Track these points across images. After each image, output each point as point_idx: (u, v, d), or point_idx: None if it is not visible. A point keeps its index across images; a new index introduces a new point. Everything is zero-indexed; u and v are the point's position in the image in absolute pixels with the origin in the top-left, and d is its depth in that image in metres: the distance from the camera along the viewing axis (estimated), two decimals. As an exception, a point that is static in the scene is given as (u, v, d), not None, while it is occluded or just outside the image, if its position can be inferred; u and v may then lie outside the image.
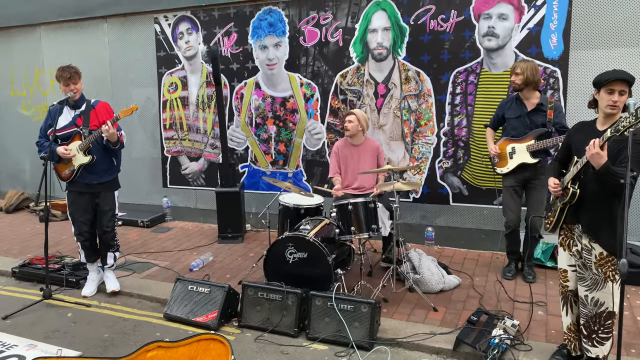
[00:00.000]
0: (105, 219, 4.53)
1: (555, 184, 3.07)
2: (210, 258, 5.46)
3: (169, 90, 7.03)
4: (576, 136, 3.07)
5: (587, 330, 3.05)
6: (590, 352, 3.06)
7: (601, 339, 3.01)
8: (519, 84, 4.38)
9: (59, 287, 4.76)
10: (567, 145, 3.17)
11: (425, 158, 5.76)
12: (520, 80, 4.37)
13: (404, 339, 3.64)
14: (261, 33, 6.36)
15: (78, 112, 4.43)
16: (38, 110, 8.05)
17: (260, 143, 6.60)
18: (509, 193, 4.62)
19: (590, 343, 3.04)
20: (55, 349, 3.61)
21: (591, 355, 3.07)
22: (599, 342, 3.02)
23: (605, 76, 2.83)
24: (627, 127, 2.53)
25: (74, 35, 7.52)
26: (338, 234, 4.26)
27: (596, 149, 2.70)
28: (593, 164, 2.76)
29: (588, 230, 2.96)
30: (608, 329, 3.00)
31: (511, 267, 4.80)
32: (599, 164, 2.72)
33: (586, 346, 3.07)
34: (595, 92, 2.94)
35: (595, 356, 3.05)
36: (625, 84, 2.79)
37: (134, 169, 7.33)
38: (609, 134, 2.64)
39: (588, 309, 3.02)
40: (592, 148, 2.71)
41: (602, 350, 3.02)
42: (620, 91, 2.79)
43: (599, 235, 2.91)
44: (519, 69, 4.37)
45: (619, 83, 2.78)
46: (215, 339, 3.09)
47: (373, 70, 5.87)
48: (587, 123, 3.08)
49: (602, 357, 3.05)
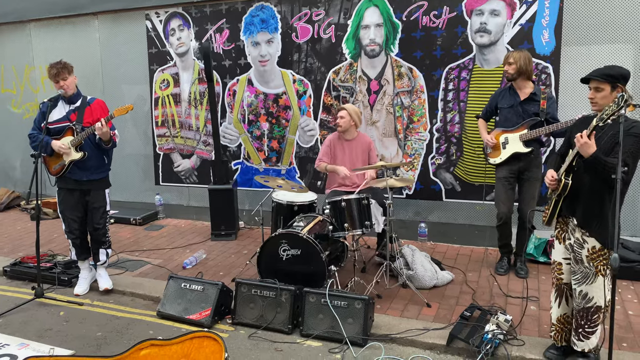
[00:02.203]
0: (97, 216, 4.50)
1: (553, 177, 3.09)
2: (203, 256, 5.44)
3: (160, 87, 6.99)
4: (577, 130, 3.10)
5: (575, 323, 3.11)
6: (576, 345, 3.11)
7: (587, 333, 3.06)
8: (512, 73, 4.40)
9: (51, 286, 4.73)
10: (568, 139, 3.21)
11: (418, 154, 5.77)
12: (514, 69, 4.38)
13: (397, 334, 3.65)
14: (253, 29, 6.33)
15: (73, 107, 4.39)
16: (28, 108, 7.98)
17: (253, 140, 6.59)
18: (501, 185, 4.63)
19: (577, 337, 3.10)
20: (47, 347, 3.59)
21: (577, 349, 3.11)
22: (584, 337, 3.08)
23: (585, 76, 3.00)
24: (609, 114, 2.69)
25: (64, 32, 7.46)
26: (331, 230, 4.26)
27: (584, 139, 2.80)
28: (582, 153, 2.86)
29: (582, 222, 3.00)
30: (594, 323, 3.04)
31: (504, 262, 4.82)
32: (587, 154, 2.82)
33: (573, 339, 3.13)
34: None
35: (580, 350, 3.09)
36: (598, 82, 2.92)
37: (126, 166, 7.30)
38: (594, 123, 2.77)
39: (576, 302, 3.07)
40: (581, 138, 2.81)
41: (588, 344, 3.07)
42: (595, 87, 2.94)
43: (592, 228, 2.95)
44: (512, 58, 4.38)
45: (593, 81, 2.94)
46: (208, 336, 3.07)
47: (366, 66, 5.86)
48: (589, 117, 3.14)
49: (587, 351, 3.09)
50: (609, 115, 2.70)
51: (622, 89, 2.87)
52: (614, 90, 2.89)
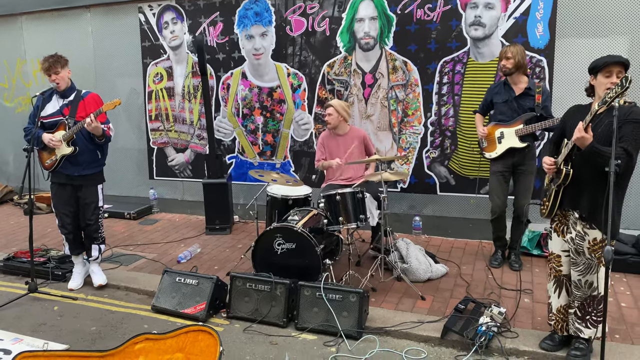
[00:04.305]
0: (88, 211, 4.46)
1: (551, 162, 3.08)
2: (198, 250, 5.43)
3: (154, 81, 6.95)
4: (570, 119, 3.10)
5: (582, 311, 3.13)
6: (583, 332, 3.14)
7: (594, 321, 3.10)
8: (510, 67, 4.38)
9: (45, 281, 4.71)
10: (562, 128, 3.20)
11: (413, 148, 5.77)
12: (512, 64, 4.37)
13: (392, 327, 3.66)
14: (247, 22, 6.30)
15: (66, 101, 4.35)
16: (21, 102, 7.91)
17: (247, 134, 6.57)
18: (496, 178, 4.64)
19: (585, 324, 3.13)
20: (41, 342, 3.57)
21: (584, 336, 3.14)
22: (592, 324, 3.11)
23: (602, 61, 2.91)
24: (613, 97, 2.62)
25: (56, 25, 7.38)
26: (326, 224, 4.26)
27: (581, 133, 2.79)
28: (579, 145, 2.85)
29: (588, 215, 2.97)
30: (601, 312, 3.05)
31: (498, 255, 4.84)
32: (584, 145, 2.81)
33: (579, 327, 3.15)
34: (591, 78, 3.01)
35: (587, 337, 3.13)
36: (621, 66, 2.87)
37: (119, 160, 7.26)
38: (597, 107, 2.73)
39: (582, 291, 3.10)
40: (577, 132, 2.80)
41: (595, 333, 3.10)
42: (618, 72, 2.87)
43: (598, 219, 2.90)
44: (510, 53, 4.36)
45: (616, 65, 2.87)
46: (203, 330, 3.07)
47: (360, 60, 5.85)
48: (582, 106, 3.11)
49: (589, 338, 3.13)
50: (613, 97, 2.62)
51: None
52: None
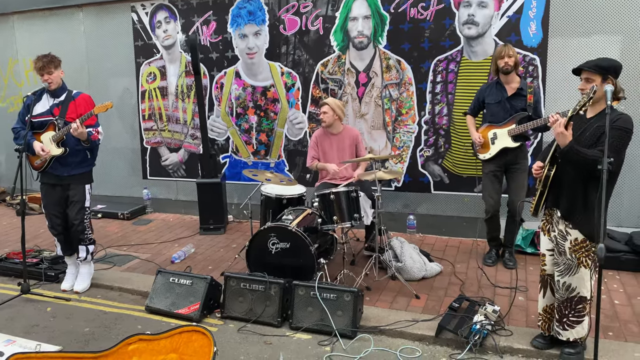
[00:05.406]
0: (73, 211, 4.39)
1: (539, 167, 3.12)
2: (192, 250, 5.41)
3: (147, 80, 6.92)
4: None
5: (559, 314, 3.15)
6: (560, 335, 3.14)
7: (571, 322, 3.10)
8: (512, 65, 4.42)
9: (37, 282, 4.68)
10: None
11: (407, 147, 5.77)
12: (513, 62, 4.41)
13: (386, 326, 3.67)
14: (240, 21, 6.28)
15: (57, 101, 4.31)
16: (12, 102, 7.85)
17: (241, 133, 6.55)
18: (489, 178, 4.65)
19: (561, 327, 3.14)
20: (34, 344, 3.54)
21: (562, 339, 3.14)
22: (569, 326, 3.11)
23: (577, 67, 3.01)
24: (581, 105, 2.80)
25: (48, 25, 7.33)
26: (320, 223, 4.26)
27: (561, 128, 2.85)
28: (559, 142, 2.90)
29: (566, 214, 3.03)
30: (579, 312, 3.07)
31: (492, 253, 4.85)
32: (563, 143, 2.86)
33: (557, 329, 3.16)
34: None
35: (565, 339, 3.14)
36: (589, 73, 2.92)
37: (113, 160, 7.23)
38: (570, 114, 2.86)
39: (560, 293, 3.11)
40: (557, 127, 2.87)
41: (572, 334, 3.11)
42: (586, 78, 2.94)
43: (575, 220, 2.98)
44: (511, 51, 4.41)
45: (584, 71, 2.95)
46: (197, 330, 3.06)
47: (354, 58, 5.84)
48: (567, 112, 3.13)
49: (573, 340, 3.12)
50: (581, 106, 2.80)
51: (612, 80, 2.87)
52: (605, 81, 2.86)
